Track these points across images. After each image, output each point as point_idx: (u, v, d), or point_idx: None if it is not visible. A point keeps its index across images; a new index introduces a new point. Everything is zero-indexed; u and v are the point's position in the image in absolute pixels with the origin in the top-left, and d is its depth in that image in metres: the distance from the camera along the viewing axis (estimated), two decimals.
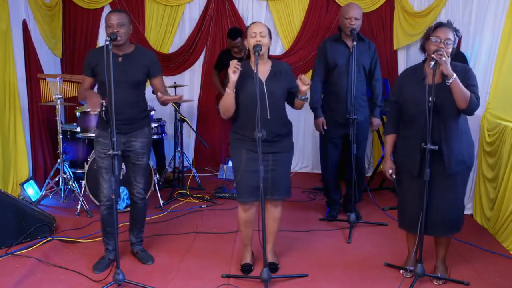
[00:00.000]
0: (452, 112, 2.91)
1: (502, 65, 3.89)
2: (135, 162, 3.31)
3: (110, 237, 3.35)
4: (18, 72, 4.61)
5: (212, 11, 5.63)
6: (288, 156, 3.24)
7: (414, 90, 2.95)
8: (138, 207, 3.44)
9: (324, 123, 4.12)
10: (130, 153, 3.27)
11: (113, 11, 3.21)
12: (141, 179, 3.35)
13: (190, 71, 5.86)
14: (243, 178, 3.15)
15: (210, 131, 5.91)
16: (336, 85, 4.04)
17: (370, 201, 4.64)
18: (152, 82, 3.30)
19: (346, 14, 3.97)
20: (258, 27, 3.04)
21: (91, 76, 3.24)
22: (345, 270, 3.33)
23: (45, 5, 5.09)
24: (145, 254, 3.47)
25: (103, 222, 3.33)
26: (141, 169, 3.34)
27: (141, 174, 3.35)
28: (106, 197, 3.25)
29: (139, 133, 3.27)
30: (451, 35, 2.87)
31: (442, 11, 4.75)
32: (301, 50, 5.58)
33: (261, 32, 3.02)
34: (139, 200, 3.40)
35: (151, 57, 3.28)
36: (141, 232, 3.52)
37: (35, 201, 4.51)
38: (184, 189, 5.01)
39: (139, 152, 3.29)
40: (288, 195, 3.27)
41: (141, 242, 3.54)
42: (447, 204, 3.00)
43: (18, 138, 4.62)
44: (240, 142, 3.17)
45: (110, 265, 3.29)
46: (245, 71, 3.06)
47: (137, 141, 3.27)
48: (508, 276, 3.20)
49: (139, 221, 3.49)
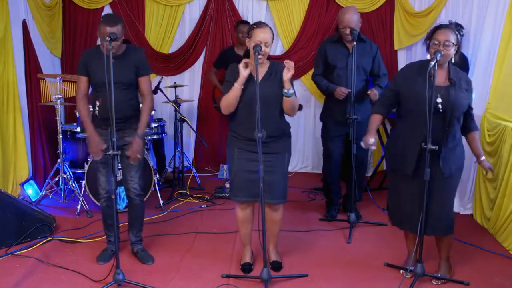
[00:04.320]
0: (457, 116, 2.94)
1: (502, 65, 3.89)
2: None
3: (111, 229, 3.42)
4: (18, 72, 4.61)
5: (212, 11, 5.63)
6: (282, 158, 3.19)
7: (419, 86, 2.90)
8: (134, 204, 3.46)
9: (339, 88, 3.99)
10: (125, 147, 3.31)
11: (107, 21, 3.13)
12: (135, 174, 3.38)
13: (190, 71, 5.85)
14: (235, 177, 3.16)
15: (210, 131, 5.91)
16: (336, 85, 4.03)
17: (370, 201, 4.64)
18: (139, 80, 3.36)
19: (341, 23, 3.97)
20: (264, 34, 2.99)
21: (86, 75, 3.30)
22: (345, 270, 3.33)
23: (45, 5, 5.08)
24: (145, 254, 3.48)
25: (104, 214, 3.45)
26: (136, 163, 3.37)
27: (135, 169, 3.38)
28: (104, 189, 3.36)
29: (131, 129, 3.35)
30: (451, 37, 2.85)
31: (442, 11, 4.74)
32: (301, 50, 5.58)
33: (266, 42, 3.00)
34: (135, 197, 3.43)
35: (140, 56, 3.35)
36: (140, 231, 3.54)
37: (35, 201, 4.52)
38: (184, 189, 5.01)
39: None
40: (283, 200, 3.23)
41: (141, 241, 3.55)
42: (440, 206, 3.00)
43: (18, 138, 4.62)
44: (234, 141, 3.18)
45: (113, 257, 3.33)
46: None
47: (130, 137, 3.33)
48: (508, 276, 3.20)
49: (137, 219, 3.50)
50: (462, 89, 2.94)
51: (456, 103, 2.89)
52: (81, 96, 3.33)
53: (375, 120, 3.17)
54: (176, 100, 5.02)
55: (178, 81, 5.49)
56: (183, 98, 5.45)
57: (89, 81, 3.34)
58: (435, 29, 2.92)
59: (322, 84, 4.11)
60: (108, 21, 3.13)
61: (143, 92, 3.37)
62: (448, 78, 2.95)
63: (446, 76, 2.96)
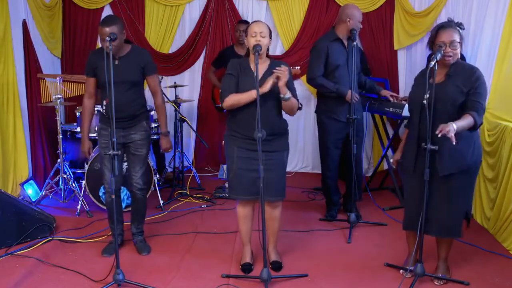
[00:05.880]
0: (448, 111, 2.82)
1: (502, 65, 3.89)
2: (134, 152, 3.48)
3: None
4: (18, 72, 4.61)
5: (212, 11, 5.63)
6: (282, 156, 3.21)
7: (418, 87, 2.93)
8: (137, 199, 3.57)
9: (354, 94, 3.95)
10: (130, 144, 3.46)
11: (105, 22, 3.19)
12: (139, 169, 3.50)
13: (190, 71, 5.86)
14: (235, 176, 3.17)
15: (210, 131, 5.91)
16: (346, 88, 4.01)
17: (370, 201, 4.64)
18: (146, 80, 3.48)
19: (361, 18, 4.01)
20: (258, 27, 3.05)
21: (93, 76, 3.39)
22: (345, 270, 3.32)
23: (45, 5, 5.09)
24: (143, 245, 3.59)
25: (108, 209, 3.58)
26: (140, 159, 3.49)
27: (139, 164, 3.50)
28: (109, 183, 3.37)
29: (138, 126, 3.45)
30: (455, 36, 2.81)
31: (442, 11, 4.75)
32: (301, 50, 5.58)
33: (262, 32, 3.02)
34: (138, 191, 3.53)
35: (145, 57, 3.43)
36: (141, 223, 3.67)
37: (35, 201, 4.52)
38: (184, 189, 5.02)
39: (138, 143, 3.46)
40: (282, 196, 3.24)
41: (142, 233, 3.67)
42: (441, 206, 2.97)
43: (18, 138, 4.62)
44: (233, 139, 3.18)
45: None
46: (243, 69, 3.11)
47: (136, 134, 3.45)
48: (508, 276, 3.20)
49: (139, 212, 3.64)
50: (455, 84, 2.83)
51: (444, 98, 2.80)
52: (87, 97, 3.48)
53: (404, 135, 3.23)
54: (176, 100, 5.02)
55: (178, 81, 5.49)
56: (183, 98, 5.45)
57: (96, 82, 3.41)
58: (437, 31, 2.85)
59: (329, 86, 4.01)
60: (106, 22, 3.21)
61: (153, 89, 3.49)
62: (446, 74, 2.90)
63: (446, 73, 2.91)
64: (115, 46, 3.18)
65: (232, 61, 3.20)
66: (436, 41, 2.85)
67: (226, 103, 3.10)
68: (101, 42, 3.23)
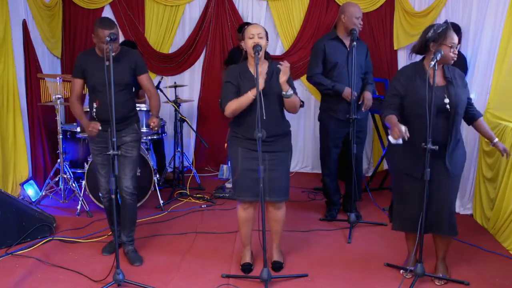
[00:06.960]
0: (461, 113, 2.95)
1: (502, 65, 3.89)
2: (125, 154, 3.40)
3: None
4: (18, 72, 4.61)
5: (212, 11, 5.63)
6: (285, 156, 3.22)
7: (421, 90, 2.87)
8: (126, 204, 3.45)
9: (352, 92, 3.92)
10: (121, 146, 3.38)
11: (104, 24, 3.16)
12: (129, 172, 3.41)
13: (190, 71, 5.86)
14: (240, 177, 3.16)
15: (210, 131, 5.91)
16: (343, 85, 4.01)
17: (370, 201, 4.64)
18: (139, 80, 3.44)
19: (357, 14, 3.99)
20: (255, 29, 3.05)
21: (82, 77, 3.35)
22: (345, 270, 3.32)
23: (45, 5, 5.09)
24: (134, 255, 3.45)
25: (107, 212, 3.58)
26: (130, 162, 3.41)
27: (130, 167, 3.42)
28: (105, 190, 3.44)
29: (129, 129, 3.42)
30: (456, 39, 2.90)
31: (442, 11, 4.74)
32: (301, 50, 5.58)
33: (259, 33, 3.03)
34: (127, 196, 3.42)
35: (135, 57, 3.41)
36: (132, 231, 3.52)
37: (35, 201, 4.52)
38: (184, 189, 5.01)
39: (129, 145, 3.42)
40: (286, 197, 3.24)
41: (132, 242, 3.53)
42: (447, 205, 3.00)
43: (18, 138, 4.62)
44: (237, 140, 3.18)
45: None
46: (243, 73, 3.11)
47: (127, 136, 3.41)
48: (508, 276, 3.20)
49: (129, 220, 3.49)
50: (459, 86, 2.95)
51: (458, 100, 2.90)
52: (74, 98, 3.39)
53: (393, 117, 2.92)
54: (176, 100, 5.02)
55: (178, 81, 5.49)
56: (183, 98, 5.45)
57: (84, 84, 3.39)
58: (445, 32, 2.86)
59: (326, 84, 4.04)
60: (105, 24, 3.18)
61: (147, 88, 3.46)
62: (443, 77, 2.96)
63: (442, 75, 2.97)
64: (114, 48, 3.15)
65: (229, 68, 3.21)
66: (447, 42, 2.86)
67: (227, 110, 3.10)
68: (98, 44, 3.19)
